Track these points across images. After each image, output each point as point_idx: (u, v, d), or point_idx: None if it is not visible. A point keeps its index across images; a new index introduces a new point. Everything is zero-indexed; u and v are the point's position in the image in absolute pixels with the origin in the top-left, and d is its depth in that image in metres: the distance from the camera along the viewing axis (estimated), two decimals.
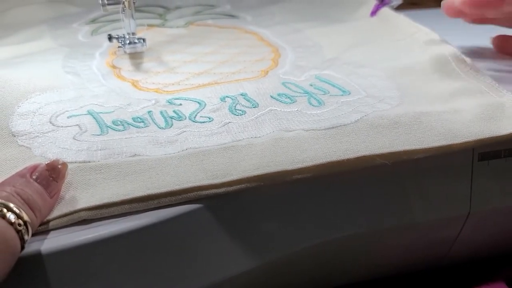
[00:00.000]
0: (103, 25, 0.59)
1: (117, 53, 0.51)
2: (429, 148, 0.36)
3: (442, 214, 0.38)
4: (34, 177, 0.30)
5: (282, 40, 0.54)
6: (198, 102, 0.41)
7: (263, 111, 0.40)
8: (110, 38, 0.50)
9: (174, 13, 0.62)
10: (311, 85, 0.44)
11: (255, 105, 0.41)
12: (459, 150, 0.36)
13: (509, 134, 0.37)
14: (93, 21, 0.60)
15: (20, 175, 0.30)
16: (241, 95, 0.42)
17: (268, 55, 0.50)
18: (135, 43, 0.50)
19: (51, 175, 0.31)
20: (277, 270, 0.37)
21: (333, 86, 0.43)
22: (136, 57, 0.50)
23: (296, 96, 0.42)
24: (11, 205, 0.27)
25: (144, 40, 0.50)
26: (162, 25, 0.59)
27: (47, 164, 0.31)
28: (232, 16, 0.62)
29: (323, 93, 0.42)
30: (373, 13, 0.54)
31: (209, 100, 0.41)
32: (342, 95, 0.42)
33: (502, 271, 0.44)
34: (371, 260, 0.42)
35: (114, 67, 0.49)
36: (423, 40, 0.49)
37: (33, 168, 0.31)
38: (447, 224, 0.40)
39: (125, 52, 0.50)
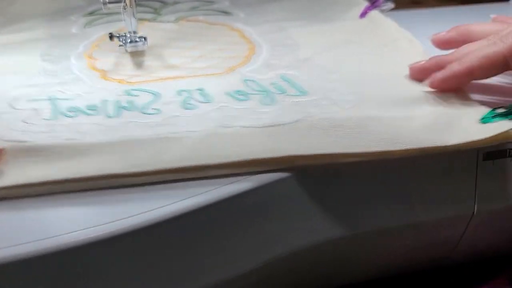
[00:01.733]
0: (99, 18, 0.60)
1: (99, 45, 0.52)
2: (367, 152, 0.34)
3: (446, 213, 0.38)
4: None
5: (264, 38, 0.53)
6: (154, 94, 0.41)
7: (214, 107, 0.39)
8: (111, 36, 0.51)
9: (170, 8, 0.62)
10: (272, 84, 0.43)
11: (208, 101, 0.40)
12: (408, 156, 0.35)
13: (452, 145, 0.34)
14: (91, 13, 0.61)
15: None
16: (198, 90, 0.42)
17: (243, 53, 0.50)
18: (136, 41, 0.50)
19: None
20: (277, 271, 0.37)
21: (293, 86, 0.42)
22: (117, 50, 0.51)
23: (252, 94, 0.41)
24: None
25: (145, 38, 0.50)
26: (154, 20, 0.59)
27: None
28: (225, 12, 0.61)
29: (280, 92, 0.41)
30: (363, 15, 0.53)
31: (165, 93, 0.41)
32: (298, 95, 0.41)
33: (506, 271, 0.44)
34: (374, 260, 0.41)
35: (90, 57, 0.49)
36: (403, 47, 0.48)
37: None
38: (451, 223, 0.39)
39: (126, 50, 0.50)
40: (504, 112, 0.37)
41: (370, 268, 0.42)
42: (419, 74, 0.43)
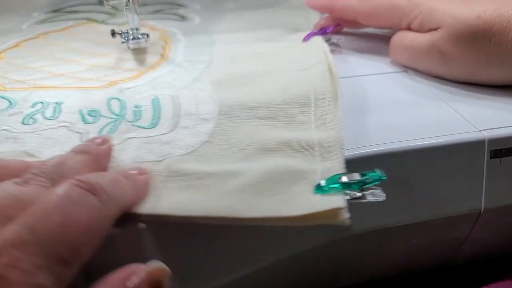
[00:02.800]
0: (57, 16, 0.58)
1: (22, 45, 0.50)
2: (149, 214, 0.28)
3: (453, 212, 0.37)
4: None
5: (185, 52, 0.48)
6: (10, 103, 0.39)
7: (52, 126, 0.35)
8: (113, 33, 0.49)
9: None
10: (136, 106, 0.38)
11: (53, 117, 0.37)
12: None
13: (249, 218, 0.28)
14: (55, 11, 0.60)
15: (112, 285, 0.24)
16: (56, 103, 0.38)
17: (146, 66, 0.46)
18: (138, 38, 0.48)
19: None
20: (282, 271, 0.36)
21: (153, 113, 0.37)
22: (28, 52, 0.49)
23: (104, 117, 0.37)
24: None
25: (147, 35, 0.48)
26: (102, 22, 0.56)
27: (146, 271, 0.25)
28: (182, 17, 0.57)
29: (132, 120, 0.36)
30: (306, 38, 0.48)
31: (22, 103, 0.39)
32: (144, 127, 0.35)
33: None
34: (380, 259, 0.41)
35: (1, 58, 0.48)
36: (318, 73, 0.40)
37: (128, 276, 0.24)
38: (458, 222, 0.38)
39: (128, 47, 0.48)
40: (348, 182, 0.30)
41: (375, 267, 0.42)
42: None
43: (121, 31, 0.48)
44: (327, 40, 0.49)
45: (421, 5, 0.42)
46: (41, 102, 0.39)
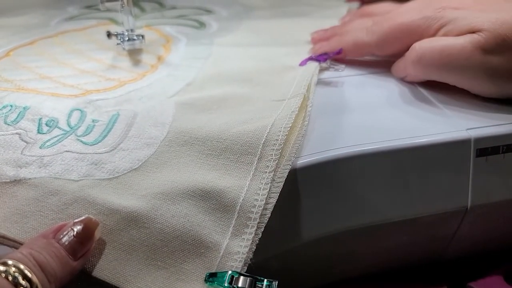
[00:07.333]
0: (88, 12, 0.59)
1: (36, 43, 0.51)
2: None
3: (440, 209, 0.38)
4: (59, 237, 0.28)
5: (176, 64, 0.47)
6: None
7: (7, 132, 0.35)
8: (109, 35, 0.50)
9: (155, 13, 0.59)
10: (94, 120, 0.37)
11: (13, 123, 0.36)
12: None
13: None
14: (89, 7, 0.60)
15: (43, 236, 0.28)
16: (24, 108, 0.38)
17: (138, 75, 0.45)
18: (133, 40, 0.49)
19: (77, 236, 0.28)
20: (276, 265, 0.36)
21: (103, 130, 0.36)
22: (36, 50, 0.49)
23: (58, 128, 0.36)
24: (21, 266, 0.25)
25: (143, 36, 0.49)
26: (121, 23, 0.56)
27: (74, 223, 0.29)
28: (201, 24, 0.57)
29: (80, 135, 0.35)
30: (303, 62, 0.46)
31: None
32: (86, 143, 0.35)
33: (501, 266, 0.43)
34: (370, 255, 0.41)
35: (8, 54, 0.48)
36: (288, 108, 0.37)
37: (59, 228, 0.28)
38: (445, 219, 0.39)
39: (124, 49, 0.49)
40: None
41: (365, 263, 0.42)
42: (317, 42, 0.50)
43: (116, 32, 0.49)
44: (326, 68, 0.47)
45: (448, 14, 0.40)
46: (11, 105, 0.39)
